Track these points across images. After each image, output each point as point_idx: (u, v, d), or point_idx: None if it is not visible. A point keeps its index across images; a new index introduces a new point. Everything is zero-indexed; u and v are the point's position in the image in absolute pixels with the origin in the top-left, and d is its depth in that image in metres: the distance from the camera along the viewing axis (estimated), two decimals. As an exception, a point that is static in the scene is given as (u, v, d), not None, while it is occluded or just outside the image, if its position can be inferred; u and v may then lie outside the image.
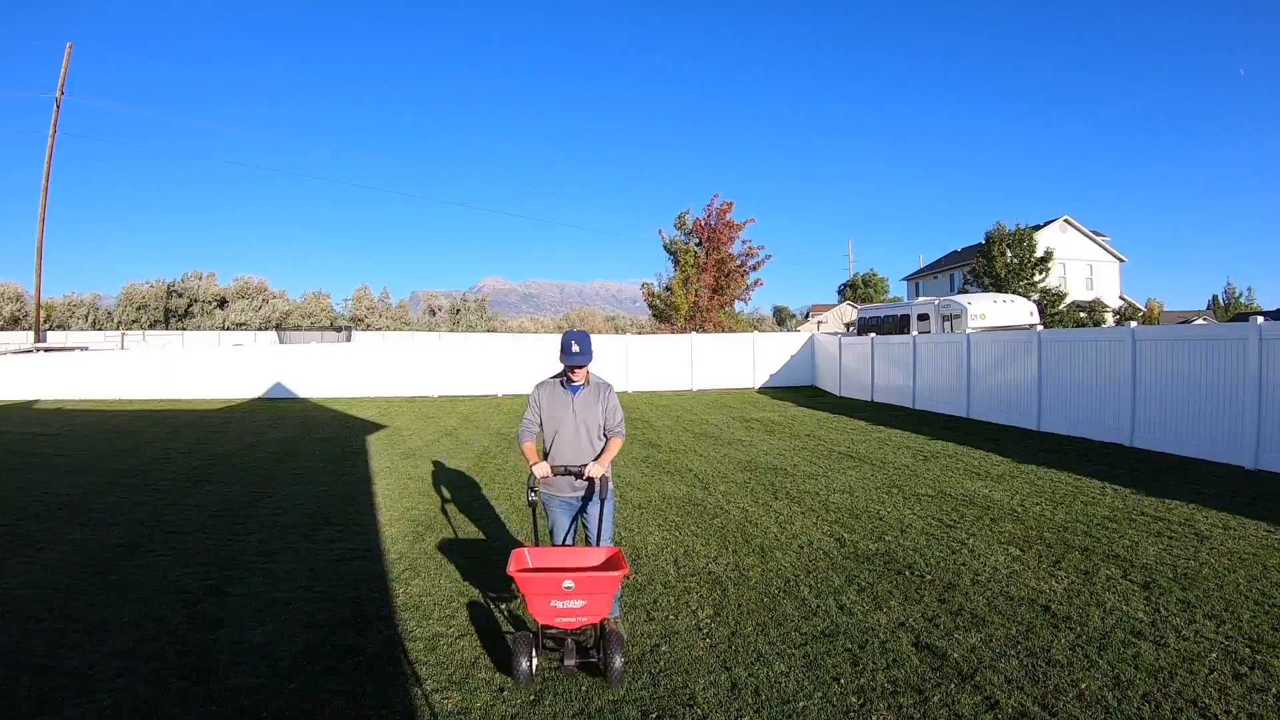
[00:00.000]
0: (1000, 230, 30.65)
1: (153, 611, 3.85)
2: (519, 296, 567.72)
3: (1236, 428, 7.29)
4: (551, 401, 3.54)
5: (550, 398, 3.55)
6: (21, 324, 41.86)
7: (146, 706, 2.84)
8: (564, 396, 3.51)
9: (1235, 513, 5.44)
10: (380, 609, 3.90)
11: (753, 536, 5.15)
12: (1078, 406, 9.62)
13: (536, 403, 3.58)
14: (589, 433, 3.52)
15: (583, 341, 3.44)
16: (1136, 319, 32.34)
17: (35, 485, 7.41)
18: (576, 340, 3.43)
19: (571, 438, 3.50)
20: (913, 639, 3.37)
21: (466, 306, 60.41)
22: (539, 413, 3.57)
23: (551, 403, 3.54)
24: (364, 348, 20.07)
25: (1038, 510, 5.72)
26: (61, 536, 5.38)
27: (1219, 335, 7.79)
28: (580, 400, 3.51)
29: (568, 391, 3.52)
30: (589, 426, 3.51)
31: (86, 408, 16.50)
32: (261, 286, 51.49)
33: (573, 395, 3.50)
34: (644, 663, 3.21)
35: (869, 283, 53.48)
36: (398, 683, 3.06)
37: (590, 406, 3.52)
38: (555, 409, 3.52)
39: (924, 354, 13.59)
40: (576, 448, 3.50)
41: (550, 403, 3.54)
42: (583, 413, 3.50)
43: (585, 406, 3.52)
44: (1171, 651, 3.17)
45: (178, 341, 37.71)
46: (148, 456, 9.23)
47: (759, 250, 25.92)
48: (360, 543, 5.18)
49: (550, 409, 3.53)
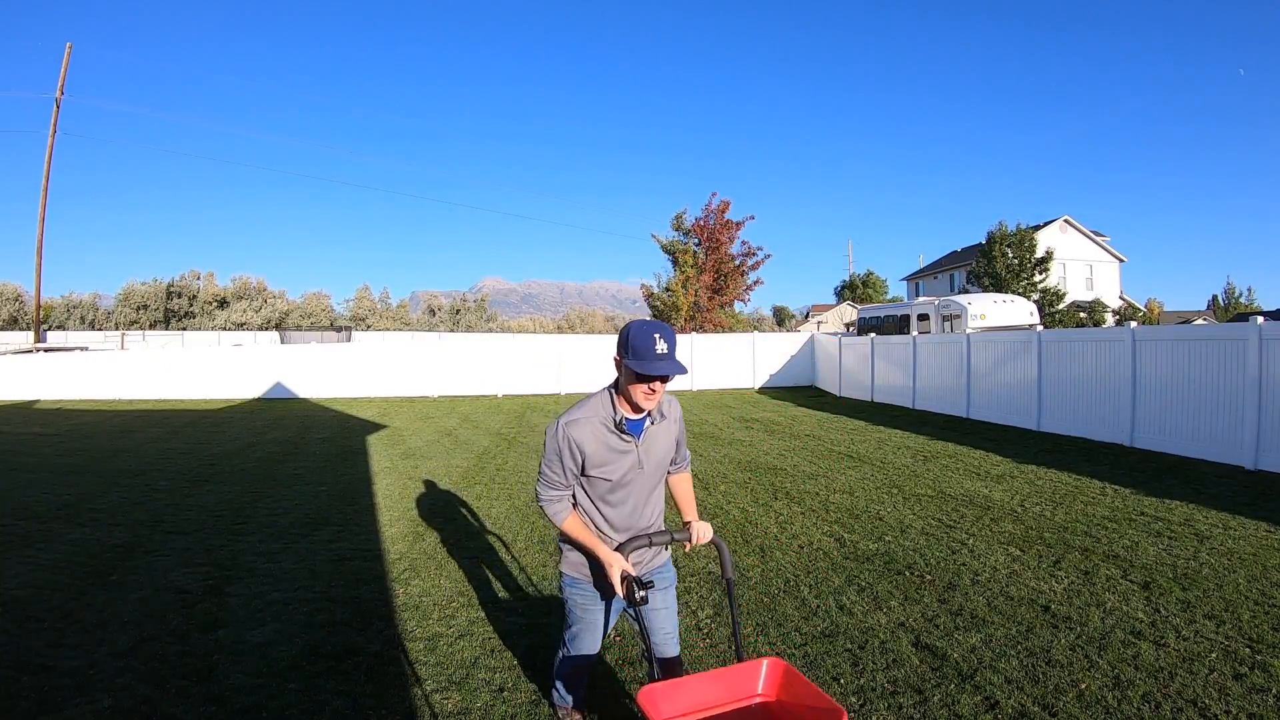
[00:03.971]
0: (1001, 230, 30.67)
1: (153, 611, 3.85)
2: (519, 296, 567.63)
3: (1236, 428, 7.30)
4: (606, 457, 2.09)
5: (601, 450, 2.09)
6: (20, 324, 41.87)
7: (146, 706, 2.84)
8: (622, 445, 2.11)
9: (1235, 513, 5.44)
10: (380, 609, 3.89)
11: (753, 536, 5.15)
12: (1078, 406, 9.62)
13: (573, 454, 2.07)
14: (653, 482, 2.24)
15: (670, 337, 1.99)
16: (1136, 319, 32.35)
17: (35, 485, 7.41)
18: (662, 334, 1.97)
19: (641, 503, 2.22)
20: (913, 639, 3.37)
21: (466, 306, 60.43)
22: (576, 475, 2.12)
23: (607, 459, 2.10)
24: (364, 348, 20.06)
25: (1038, 510, 5.72)
26: (61, 536, 5.38)
27: (1219, 335, 7.80)
28: (649, 442, 2.15)
29: (628, 438, 2.11)
30: (655, 475, 2.23)
31: (86, 408, 16.50)
32: (261, 286, 51.52)
33: (637, 438, 2.12)
34: (644, 663, 3.21)
35: (868, 283, 53.49)
36: (398, 683, 3.06)
37: (660, 446, 2.19)
38: (613, 468, 2.11)
39: (924, 354, 13.59)
40: (645, 510, 2.24)
41: (605, 458, 2.09)
42: (652, 457, 2.18)
43: (655, 448, 2.18)
44: (1171, 651, 3.17)
45: (178, 342, 37.71)
46: (148, 456, 9.23)
47: (758, 250, 25.96)
48: (360, 543, 5.18)
49: (603, 467, 2.10)
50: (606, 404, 2.10)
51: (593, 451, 2.07)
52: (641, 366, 1.94)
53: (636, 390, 2.01)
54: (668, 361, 1.95)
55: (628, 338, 1.98)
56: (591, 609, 2.28)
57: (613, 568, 2.02)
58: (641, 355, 1.94)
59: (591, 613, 2.28)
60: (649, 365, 1.94)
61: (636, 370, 1.95)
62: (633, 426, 2.11)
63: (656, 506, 2.31)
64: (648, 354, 1.93)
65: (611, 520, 2.18)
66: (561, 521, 2.15)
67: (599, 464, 2.08)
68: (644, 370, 1.94)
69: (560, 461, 2.10)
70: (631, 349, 1.96)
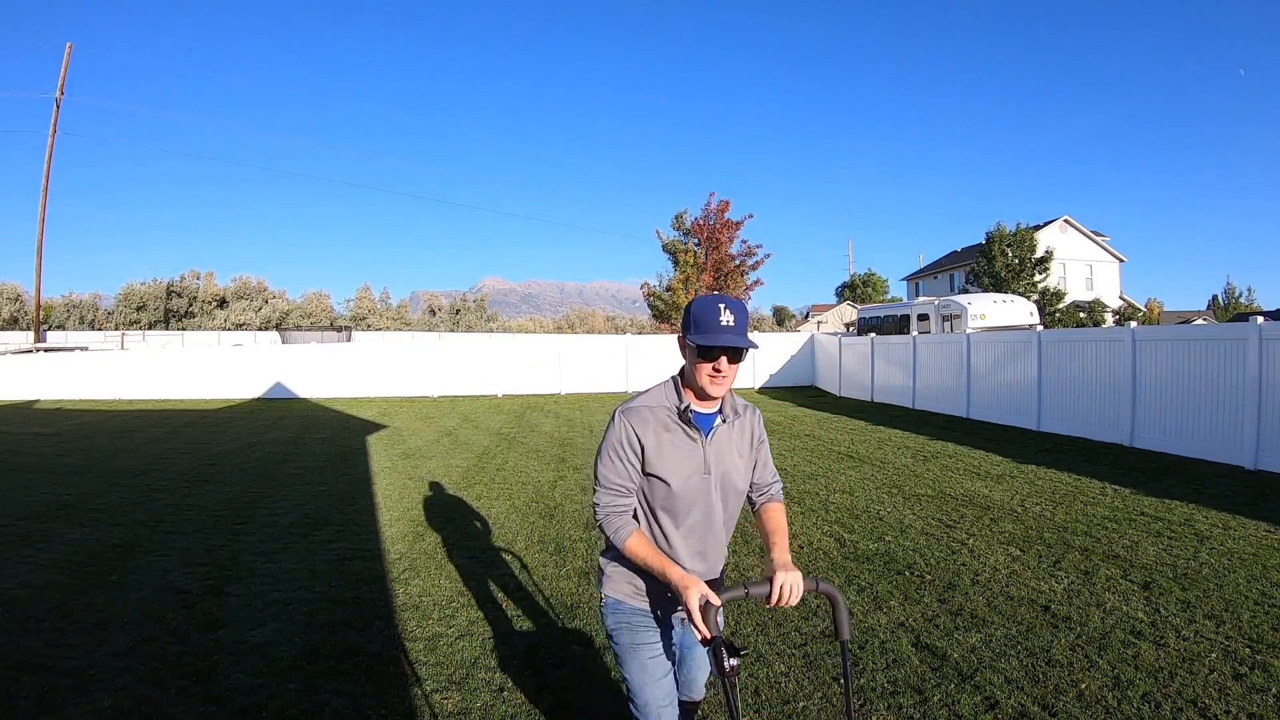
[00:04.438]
0: (1000, 230, 30.67)
1: (153, 611, 3.85)
2: (519, 296, 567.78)
3: (1236, 428, 7.30)
4: (667, 452, 1.75)
5: (662, 444, 1.75)
6: (20, 324, 41.87)
7: (146, 706, 2.84)
8: (687, 441, 1.77)
9: (1235, 513, 5.44)
10: (380, 609, 3.89)
11: (752, 537, 5.14)
12: (1078, 406, 9.62)
13: (634, 448, 1.74)
14: (725, 505, 1.85)
15: (738, 310, 1.70)
16: (1136, 319, 32.34)
17: (35, 485, 7.41)
18: (727, 305, 1.69)
19: (703, 519, 1.81)
20: (913, 639, 3.37)
21: (466, 306, 60.44)
22: (638, 476, 1.77)
23: (667, 454, 1.75)
24: (364, 348, 20.07)
25: (1038, 510, 5.72)
26: (61, 536, 5.38)
27: (1219, 335, 7.80)
28: (719, 444, 1.81)
29: (693, 432, 1.77)
30: (727, 494, 1.84)
31: (86, 408, 16.50)
32: (261, 286, 51.51)
33: (704, 435, 1.78)
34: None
35: (868, 283, 53.51)
36: (398, 683, 3.06)
37: (732, 455, 1.83)
38: (675, 466, 1.75)
39: (924, 354, 13.60)
40: (710, 536, 1.84)
41: (665, 454, 1.75)
42: (722, 464, 1.81)
43: (726, 455, 1.82)
44: (1171, 651, 3.17)
45: (178, 342, 37.72)
46: (148, 456, 9.23)
47: (758, 250, 25.95)
48: (360, 543, 5.18)
49: (665, 466, 1.75)
50: (670, 391, 1.80)
51: (652, 444, 1.74)
52: (704, 338, 1.66)
53: (701, 371, 1.71)
54: (735, 334, 1.66)
55: (689, 311, 1.73)
56: (646, 640, 1.81)
57: (689, 590, 1.55)
58: (704, 327, 1.67)
59: (647, 648, 1.80)
60: (713, 336, 1.66)
61: (698, 344, 1.67)
62: (700, 421, 1.78)
63: (721, 546, 1.89)
64: (711, 325, 1.66)
65: (670, 538, 1.79)
66: (624, 539, 1.72)
67: (658, 461, 1.75)
68: (707, 342, 1.66)
69: (621, 458, 1.75)
70: (693, 321, 1.70)
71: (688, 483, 1.77)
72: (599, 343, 20.03)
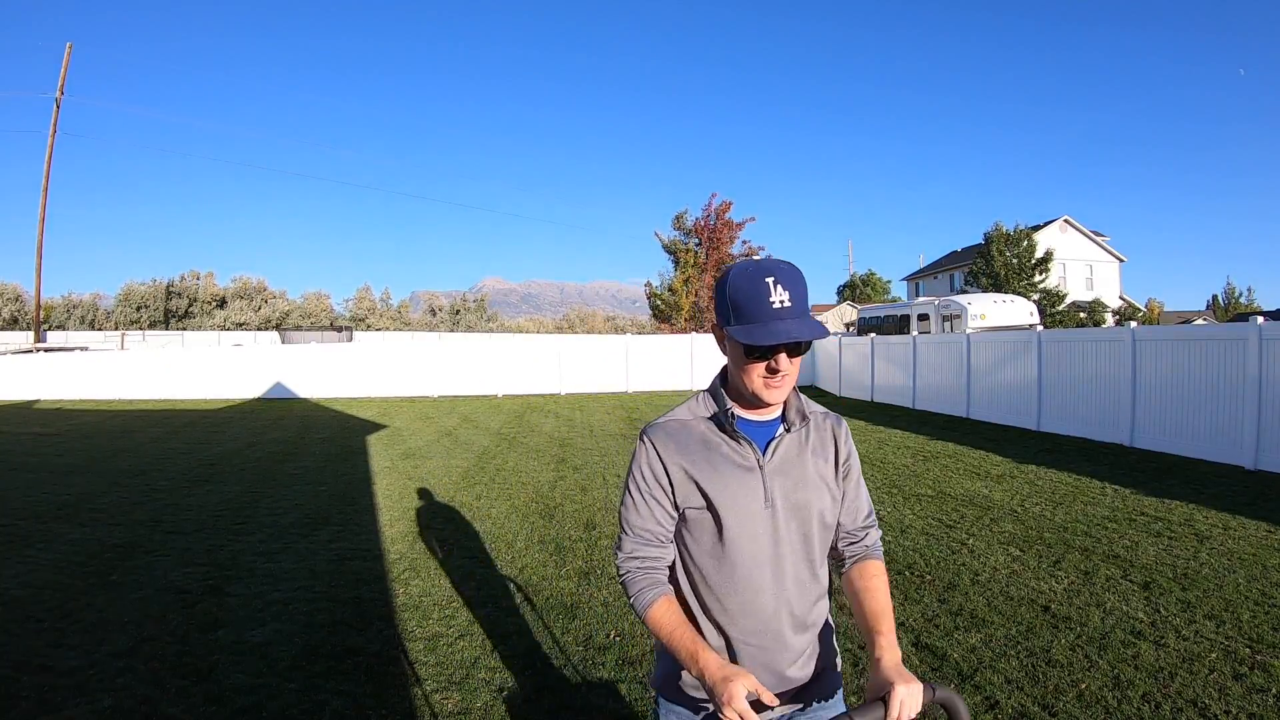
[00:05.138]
0: (999, 230, 30.67)
1: (153, 611, 3.85)
2: (519, 296, 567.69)
3: (1236, 428, 7.29)
4: (708, 480, 1.25)
5: (699, 468, 1.26)
6: (21, 324, 41.86)
7: (146, 706, 2.84)
8: (736, 453, 1.27)
9: (1235, 513, 5.44)
10: (380, 609, 3.90)
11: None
12: (1078, 406, 9.62)
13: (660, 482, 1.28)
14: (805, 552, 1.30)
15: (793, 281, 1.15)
16: (1136, 319, 32.35)
17: (35, 485, 7.41)
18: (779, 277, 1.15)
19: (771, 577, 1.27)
20: (913, 639, 3.37)
21: (466, 306, 60.45)
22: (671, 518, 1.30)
23: (708, 483, 1.25)
24: (364, 348, 20.08)
25: (1038, 510, 5.72)
26: (61, 536, 5.38)
27: (1219, 335, 7.80)
28: (784, 463, 1.28)
29: (743, 447, 1.27)
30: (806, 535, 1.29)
31: (86, 408, 16.50)
32: (261, 286, 51.51)
33: (760, 451, 1.27)
34: (645, 663, 3.21)
35: (869, 283, 53.52)
36: (398, 683, 3.06)
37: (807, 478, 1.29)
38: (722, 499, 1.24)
39: (924, 354, 13.60)
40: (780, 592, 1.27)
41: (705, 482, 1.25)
42: (794, 493, 1.28)
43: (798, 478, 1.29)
44: (1171, 651, 3.17)
45: (178, 342, 37.72)
46: (148, 456, 9.23)
47: (759, 250, 25.97)
48: (360, 543, 5.18)
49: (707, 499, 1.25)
50: (708, 399, 1.32)
51: (686, 470, 1.25)
52: (752, 333, 1.13)
53: (750, 374, 1.20)
54: (795, 321, 1.13)
55: (726, 290, 1.18)
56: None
57: (729, 683, 1.08)
58: (750, 314, 1.15)
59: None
60: (764, 328, 1.13)
61: (740, 339, 1.15)
62: (752, 432, 1.27)
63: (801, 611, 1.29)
64: (759, 310, 1.14)
65: (721, 596, 1.26)
66: (645, 607, 1.27)
67: (695, 493, 1.25)
68: (755, 338, 1.13)
69: (644, 493, 1.28)
70: (733, 306, 1.17)
71: (741, 522, 1.24)
72: (599, 343, 20.03)
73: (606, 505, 6.16)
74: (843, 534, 1.37)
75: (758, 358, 1.19)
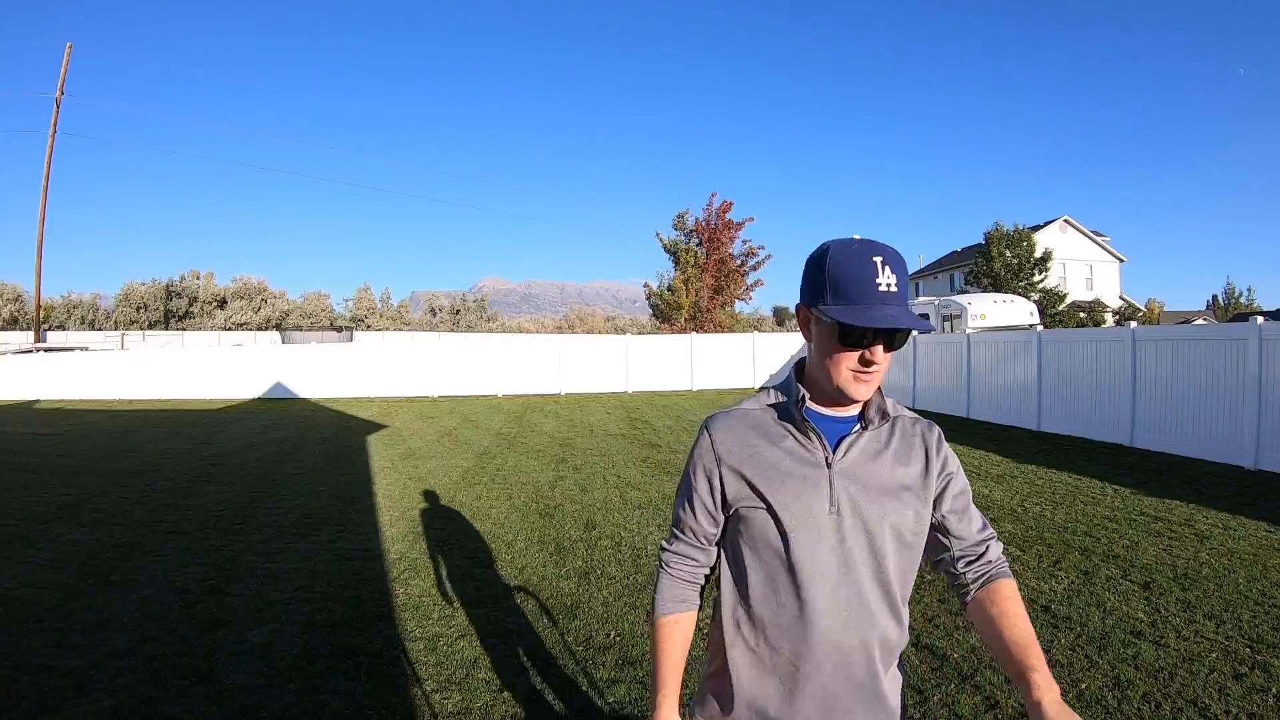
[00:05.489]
0: (998, 230, 30.67)
1: (153, 611, 3.85)
2: (519, 296, 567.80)
3: (1236, 428, 7.30)
4: (767, 476, 1.11)
5: (760, 463, 1.12)
6: (21, 324, 41.86)
7: (146, 707, 2.84)
8: (803, 449, 1.12)
9: (1235, 513, 5.44)
10: (380, 609, 3.90)
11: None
12: (1078, 406, 9.63)
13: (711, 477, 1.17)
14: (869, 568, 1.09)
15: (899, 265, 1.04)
16: (1136, 319, 32.35)
17: (35, 485, 7.41)
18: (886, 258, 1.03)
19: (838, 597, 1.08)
20: (913, 639, 3.37)
21: (466, 306, 60.45)
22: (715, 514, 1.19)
23: (766, 479, 1.11)
24: (364, 348, 20.08)
25: (1038, 510, 5.72)
26: (61, 536, 5.38)
27: (1219, 335, 7.80)
28: (857, 465, 1.11)
29: (810, 442, 1.12)
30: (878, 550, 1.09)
31: (86, 408, 16.50)
32: (261, 286, 51.52)
33: (830, 448, 1.11)
34: (645, 663, 3.21)
35: (869, 283, 53.41)
36: (398, 683, 3.06)
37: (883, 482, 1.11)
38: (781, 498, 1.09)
39: (924, 354, 13.60)
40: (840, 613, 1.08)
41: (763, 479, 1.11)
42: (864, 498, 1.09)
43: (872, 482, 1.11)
44: (1171, 651, 3.17)
45: (178, 342, 37.71)
46: (148, 456, 9.23)
47: (759, 250, 25.98)
48: (360, 543, 5.18)
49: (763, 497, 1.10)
50: (781, 390, 1.19)
51: (742, 465, 1.13)
52: (855, 315, 1.01)
53: (840, 364, 1.07)
54: (899, 308, 1.03)
55: (826, 265, 1.06)
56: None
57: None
58: (853, 293, 1.02)
59: None
60: (868, 310, 1.01)
61: (842, 320, 1.01)
62: (825, 426, 1.13)
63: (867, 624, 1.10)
64: (864, 291, 1.02)
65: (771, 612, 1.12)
66: (663, 613, 1.20)
67: (749, 491, 1.12)
68: (857, 319, 1.00)
69: (694, 489, 1.19)
70: (832, 284, 1.04)
71: (800, 526, 1.08)
72: (599, 343, 20.02)
73: (606, 505, 6.17)
74: (958, 553, 1.18)
75: (852, 344, 1.06)
